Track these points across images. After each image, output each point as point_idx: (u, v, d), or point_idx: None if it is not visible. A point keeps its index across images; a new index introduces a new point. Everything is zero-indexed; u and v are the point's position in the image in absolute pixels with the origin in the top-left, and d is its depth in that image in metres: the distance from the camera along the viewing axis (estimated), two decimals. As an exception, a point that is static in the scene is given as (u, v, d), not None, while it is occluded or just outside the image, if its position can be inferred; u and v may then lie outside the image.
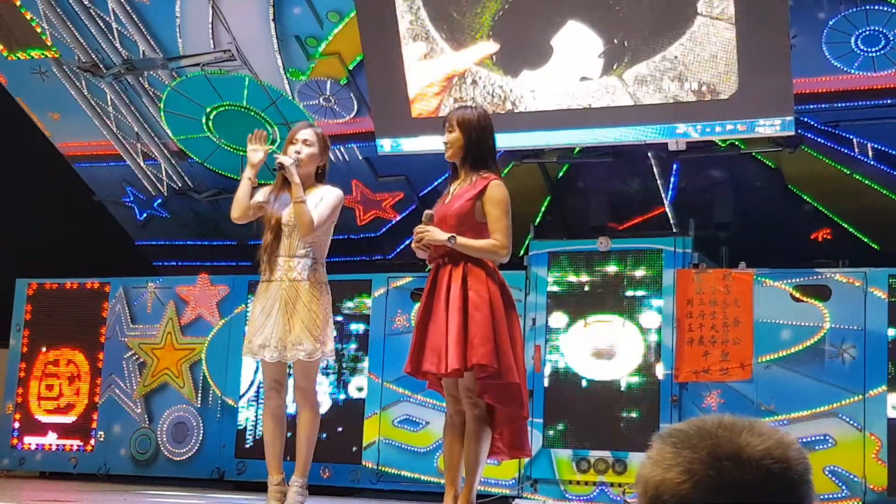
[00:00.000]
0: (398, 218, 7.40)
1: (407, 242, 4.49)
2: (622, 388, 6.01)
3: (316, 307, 4.42)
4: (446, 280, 4.13)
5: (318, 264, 4.50)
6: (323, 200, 4.49)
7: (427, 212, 4.22)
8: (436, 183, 6.80)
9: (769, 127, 5.94)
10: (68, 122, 7.73)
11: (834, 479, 5.52)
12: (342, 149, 7.20)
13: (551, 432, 6.08)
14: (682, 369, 5.91)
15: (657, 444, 1.25)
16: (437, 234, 4.12)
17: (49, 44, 7.38)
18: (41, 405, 7.38)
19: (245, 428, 6.82)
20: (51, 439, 7.31)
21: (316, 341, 4.39)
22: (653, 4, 6.07)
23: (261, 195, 4.57)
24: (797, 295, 5.79)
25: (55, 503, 5.57)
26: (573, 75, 6.29)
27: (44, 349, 7.43)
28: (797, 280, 5.81)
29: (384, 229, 7.47)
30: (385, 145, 6.73)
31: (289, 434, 4.62)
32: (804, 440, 5.47)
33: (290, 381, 4.83)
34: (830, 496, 5.46)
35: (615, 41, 6.17)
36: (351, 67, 6.93)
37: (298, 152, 4.50)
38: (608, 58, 6.19)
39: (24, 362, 7.45)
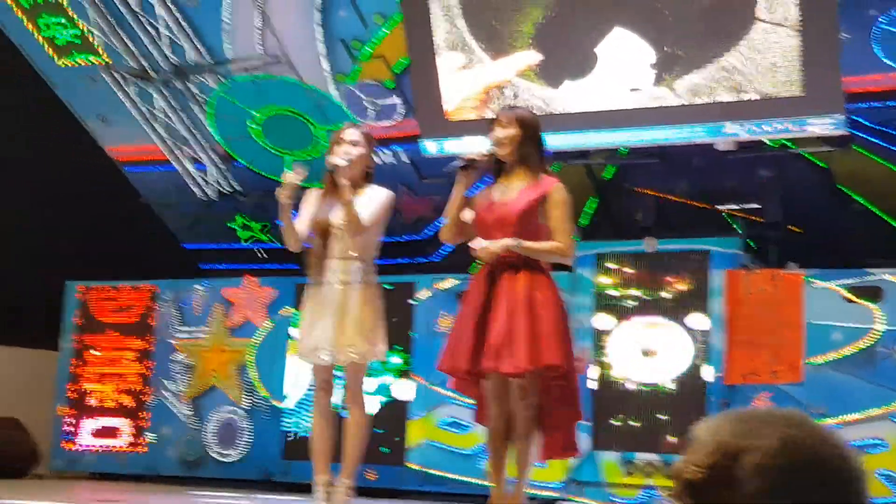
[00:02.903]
0: (442, 219, 7.38)
1: (450, 247, 4.46)
2: (670, 391, 5.95)
3: (367, 309, 4.40)
4: (507, 281, 4.09)
5: (368, 266, 4.48)
6: (373, 201, 4.47)
7: (462, 159, 4.18)
8: (480, 184, 6.78)
9: (820, 126, 5.84)
10: (117, 127, 7.84)
11: (887, 483, 5.42)
12: (387, 151, 7.22)
13: (598, 435, 6.03)
14: (731, 371, 5.84)
15: (737, 418, 1.26)
16: (496, 247, 4.08)
17: (100, 50, 7.48)
18: (92, 407, 7.47)
19: (291, 430, 6.85)
20: (101, 441, 7.40)
21: (368, 343, 4.39)
22: (705, 9, 5.88)
23: (311, 204, 4.55)
24: (848, 296, 5.70)
25: (107, 503, 5.64)
26: (620, 85, 6.18)
27: (93, 351, 7.52)
28: (848, 281, 5.72)
29: (428, 231, 7.48)
30: (430, 147, 6.73)
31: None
32: (856, 443, 5.38)
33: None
34: (883, 500, 5.36)
35: (665, 49, 6.03)
36: (396, 70, 6.94)
37: (347, 153, 4.48)
38: (658, 67, 6.06)
39: (75, 365, 7.55)
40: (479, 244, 4.10)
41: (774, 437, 1.22)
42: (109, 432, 7.39)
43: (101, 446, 7.40)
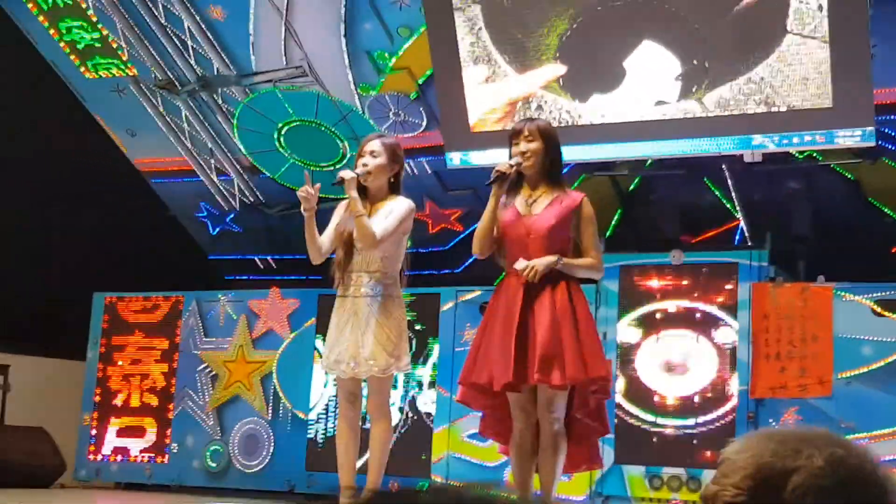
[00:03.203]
0: (466, 231, 7.38)
1: (475, 257, 4.44)
2: (696, 404, 5.89)
3: (389, 322, 4.38)
4: (546, 295, 4.09)
5: (390, 278, 4.46)
6: (392, 213, 4.44)
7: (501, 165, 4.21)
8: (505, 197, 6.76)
9: (849, 138, 5.79)
10: (144, 139, 7.88)
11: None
12: (412, 163, 7.21)
13: (623, 448, 5.98)
14: (758, 385, 5.77)
15: (772, 438, 1.25)
16: (542, 264, 4.09)
17: (126, 61, 7.54)
18: (117, 417, 7.50)
19: (315, 441, 6.84)
20: (126, 451, 7.42)
21: (390, 356, 4.36)
22: (736, 22, 5.83)
23: (336, 215, 4.54)
24: (878, 310, 5.63)
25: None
26: (648, 99, 6.14)
27: (119, 362, 7.55)
28: (878, 294, 5.65)
29: (452, 243, 7.46)
30: (454, 159, 6.72)
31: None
32: (886, 459, 5.30)
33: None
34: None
35: (694, 62, 5.98)
36: (421, 82, 6.95)
37: (366, 165, 4.47)
38: (686, 80, 6.01)
39: (101, 375, 7.58)
40: (521, 264, 4.11)
41: (820, 457, 1.20)
42: (134, 442, 7.41)
43: (125, 456, 7.42)
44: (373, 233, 4.34)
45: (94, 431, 7.53)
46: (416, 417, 6.59)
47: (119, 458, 7.44)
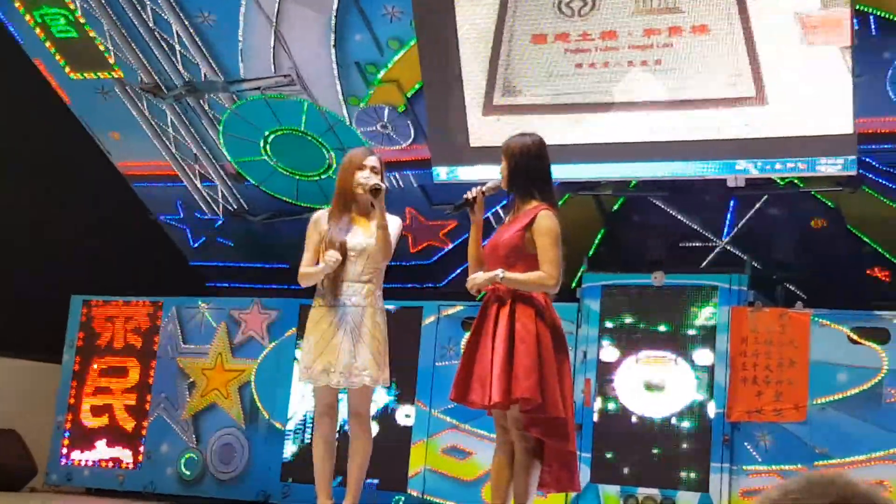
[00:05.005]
0: (451, 246, 7.40)
1: (459, 271, 4.49)
2: (673, 426, 5.93)
3: (379, 333, 4.42)
4: (494, 312, 4.13)
5: (378, 290, 4.50)
6: (390, 227, 4.54)
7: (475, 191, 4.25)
8: (491, 212, 6.80)
9: (831, 166, 5.86)
10: (128, 142, 7.85)
11: (890, 527, 5.38)
12: (397, 175, 7.23)
13: (599, 467, 6.00)
14: (735, 408, 5.81)
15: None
16: (482, 278, 4.13)
17: (113, 64, 7.51)
18: (91, 421, 7.44)
19: (291, 451, 6.82)
20: (99, 456, 7.37)
21: (379, 367, 4.39)
22: (724, 54, 5.98)
23: (314, 233, 4.55)
24: (855, 337, 5.68)
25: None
26: (634, 119, 6.23)
27: (95, 366, 7.50)
28: (855, 322, 5.70)
29: (437, 257, 7.47)
30: (441, 173, 6.74)
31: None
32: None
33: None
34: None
35: (680, 88, 6.09)
36: (409, 95, 6.96)
37: (368, 178, 4.49)
38: (672, 105, 6.11)
39: (76, 378, 7.53)
40: (468, 281, 4.17)
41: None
42: (108, 448, 7.35)
43: (98, 461, 7.36)
44: (392, 244, 4.51)
45: (67, 435, 7.47)
46: (393, 431, 6.58)
47: (91, 462, 7.38)
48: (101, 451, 7.37)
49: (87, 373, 7.52)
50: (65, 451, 7.46)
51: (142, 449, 7.26)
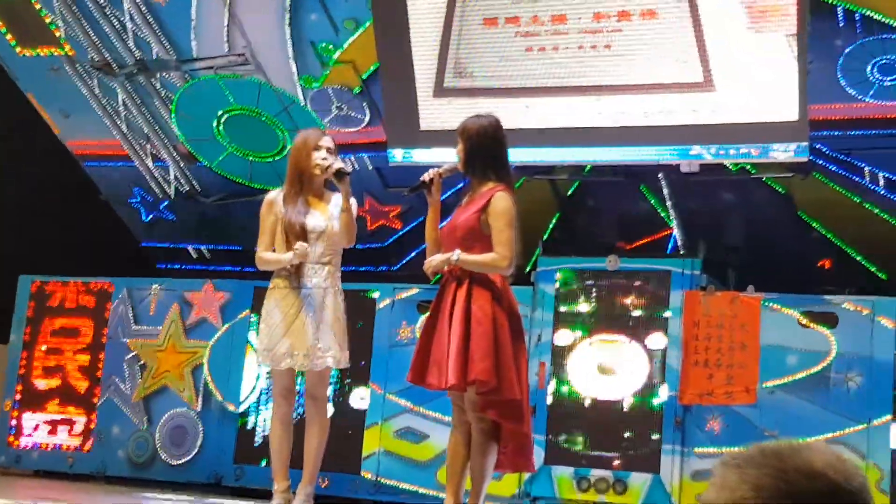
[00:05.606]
0: (405, 229, 7.38)
1: (413, 254, 4.50)
2: (625, 408, 5.98)
3: (340, 315, 4.43)
4: (451, 295, 4.14)
5: (338, 271, 4.50)
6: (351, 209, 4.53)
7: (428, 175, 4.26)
8: (447, 194, 6.78)
9: (783, 152, 5.93)
10: (78, 121, 7.71)
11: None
12: (353, 158, 7.18)
13: (553, 449, 6.05)
14: (687, 391, 5.88)
15: (719, 470, 1.27)
16: (437, 260, 4.13)
17: (62, 40, 7.37)
18: (39, 404, 7.34)
19: (244, 433, 6.78)
20: (48, 438, 7.27)
21: (341, 349, 4.39)
22: (685, 45, 6.03)
23: (277, 204, 4.52)
24: (804, 321, 5.78)
25: (52, 502, 5.53)
26: (589, 105, 6.26)
27: (44, 347, 7.39)
28: (805, 306, 5.80)
29: (391, 240, 7.45)
30: (396, 155, 6.72)
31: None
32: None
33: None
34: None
35: (637, 75, 6.12)
36: (365, 76, 6.92)
37: (325, 159, 4.47)
38: (630, 90, 6.13)
39: (24, 360, 7.41)
40: (427, 261, 4.18)
41: (763, 476, 1.22)
42: (56, 430, 7.26)
43: (47, 443, 7.26)
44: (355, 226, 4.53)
45: (14, 417, 7.36)
46: (347, 413, 6.57)
47: (40, 445, 7.29)
48: (50, 433, 7.26)
49: (35, 354, 7.41)
50: (12, 433, 7.35)
51: (92, 431, 7.17)
